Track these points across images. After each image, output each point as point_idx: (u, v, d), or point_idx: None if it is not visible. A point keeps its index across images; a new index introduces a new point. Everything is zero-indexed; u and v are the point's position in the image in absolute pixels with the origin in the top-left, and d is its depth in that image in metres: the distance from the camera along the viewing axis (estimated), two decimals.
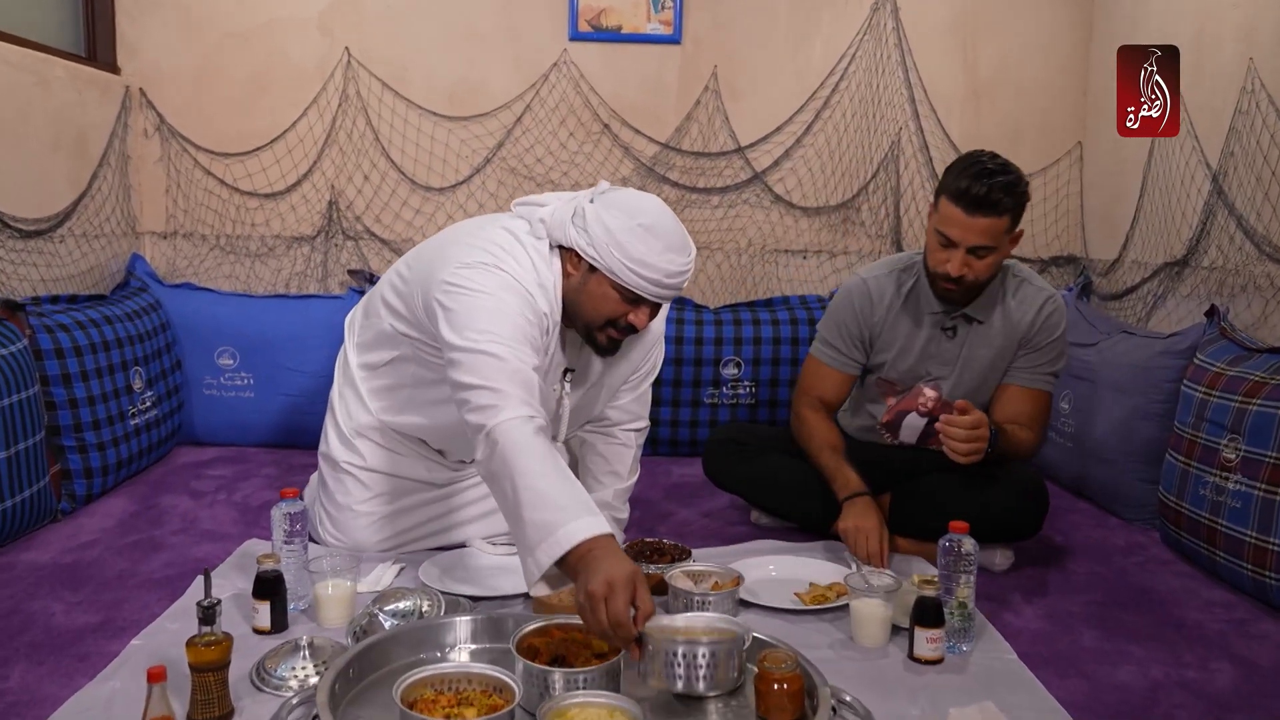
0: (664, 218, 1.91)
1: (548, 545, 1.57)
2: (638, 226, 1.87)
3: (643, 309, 1.95)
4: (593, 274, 1.92)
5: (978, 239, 2.13)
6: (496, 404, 1.74)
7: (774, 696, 1.53)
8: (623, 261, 1.87)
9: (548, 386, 2.03)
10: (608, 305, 1.94)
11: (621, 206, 1.91)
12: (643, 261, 1.87)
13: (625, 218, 1.88)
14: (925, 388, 2.36)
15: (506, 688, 1.49)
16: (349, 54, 3.37)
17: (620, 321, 1.96)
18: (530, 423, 1.72)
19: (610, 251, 1.87)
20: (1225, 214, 2.64)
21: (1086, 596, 2.13)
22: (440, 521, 2.26)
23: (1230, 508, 2.14)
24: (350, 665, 1.59)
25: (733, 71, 3.42)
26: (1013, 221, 2.16)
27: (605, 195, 1.96)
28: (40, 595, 1.99)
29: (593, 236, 1.89)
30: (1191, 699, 1.68)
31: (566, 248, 1.95)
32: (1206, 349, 2.44)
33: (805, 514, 2.42)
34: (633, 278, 1.88)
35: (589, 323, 1.98)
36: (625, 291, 1.91)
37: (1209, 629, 1.97)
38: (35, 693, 1.60)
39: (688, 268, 1.92)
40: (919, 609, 1.77)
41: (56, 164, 2.89)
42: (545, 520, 1.59)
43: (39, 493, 2.33)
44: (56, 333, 2.55)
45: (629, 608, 1.49)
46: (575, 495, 1.64)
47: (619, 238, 1.87)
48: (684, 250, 1.91)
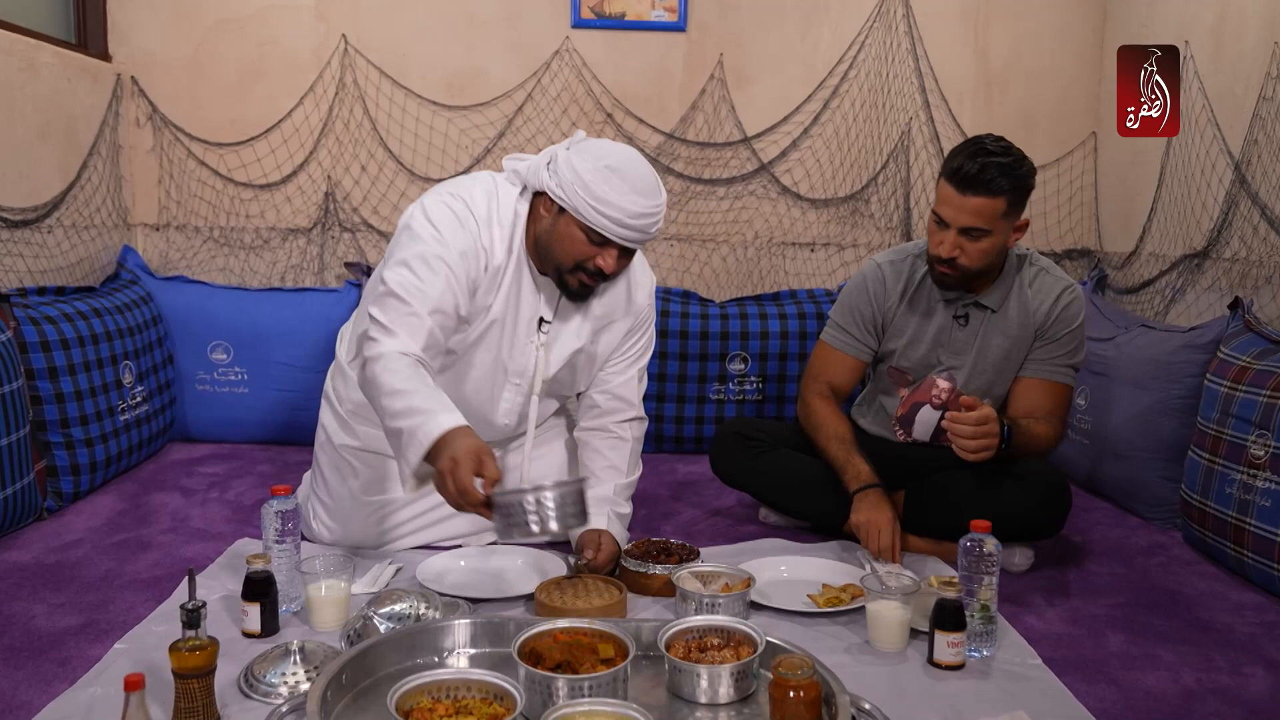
0: (632, 162, 1.96)
1: (414, 445, 1.73)
2: (604, 168, 1.92)
3: (609, 251, 1.98)
4: (561, 215, 1.97)
5: (969, 219, 2.07)
6: (382, 339, 1.90)
7: (789, 705, 1.45)
8: (587, 201, 1.91)
9: (519, 335, 2.10)
10: (575, 246, 1.97)
11: (592, 151, 1.96)
12: (606, 201, 1.91)
13: (593, 160, 1.93)
14: (938, 379, 2.29)
15: (508, 695, 1.41)
16: (346, 41, 3.29)
17: (589, 264, 1.99)
18: (402, 355, 1.87)
19: (576, 191, 1.92)
20: (1249, 204, 2.56)
21: (1110, 599, 2.05)
22: (436, 513, 2.18)
23: (1260, 506, 2.06)
24: (343, 671, 1.52)
25: (739, 59, 3.34)
26: (1010, 205, 2.08)
27: (580, 143, 2.00)
28: (21, 596, 1.91)
29: (561, 178, 1.95)
30: (1226, 706, 1.60)
31: (541, 193, 2.01)
32: (1231, 342, 2.35)
33: (817, 512, 2.34)
34: (596, 217, 1.92)
35: (559, 264, 2.02)
36: (591, 232, 1.95)
37: (1239, 632, 1.89)
38: (11, 699, 1.52)
39: (654, 210, 1.95)
40: (939, 611, 1.69)
41: (45, 152, 2.81)
42: (410, 426, 1.75)
43: (23, 490, 2.25)
44: (43, 325, 2.47)
45: (473, 477, 1.65)
46: (435, 398, 1.80)
47: (585, 178, 1.92)
48: (650, 194, 1.95)
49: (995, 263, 2.19)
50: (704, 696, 1.54)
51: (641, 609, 1.92)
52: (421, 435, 1.73)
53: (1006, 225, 2.11)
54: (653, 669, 1.63)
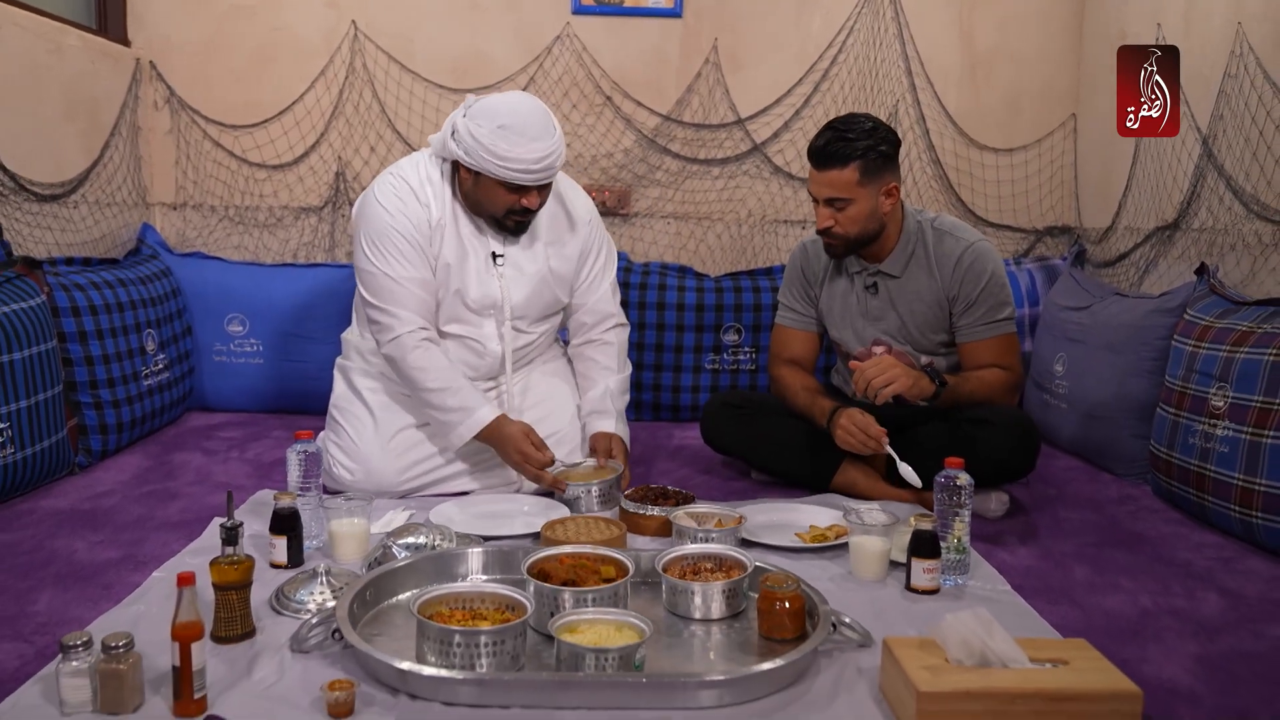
0: (519, 113, 2.20)
1: (463, 429, 2.27)
2: (497, 128, 2.17)
3: (530, 193, 2.26)
4: (479, 177, 2.25)
5: (829, 191, 2.30)
6: (384, 322, 2.28)
7: (775, 615, 1.59)
8: (494, 161, 2.18)
9: (477, 271, 2.36)
10: (499, 198, 2.26)
11: (484, 113, 2.21)
12: (509, 157, 2.17)
13: (487, 122, 2.18)
14: (875, 348, 2.46)
15: (519, 604, 1.55)
16: (355, 27, 3.42)
17: (516, 207, 2.27)
18: (416, 334, 2.27)
19: (481, 156, 2.19)
20: (1215, 176, 2.70)
21: (1079, 539, 2.19)
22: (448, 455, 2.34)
23: (1218, 453, 2.20)
24: (367, 589, 1.66)
25: (733, 44, 3.48)
26: (864, 173, 2.27)
27: (473, 107, 2.24)
28: (62, 535, 2.05)
29: (466, 148, 2.21)
30: (1178, 623, 1.74)
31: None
32: (1196, 305, 2.49)
33: (804, 470, 2.47)
34: (506, 172, 2.19)
35: (492, 213, 2.31)
36: (507, 185, 2.22)
37: (1197, 566, 2.03)
38: (63, 615, 1.66)
39: (552, 150, 2.21)
40: (915, 541, 1.83)
41: (70, 132, 2.95)
42: (452, 420, 2.27)
43: (57, 444, 2.39)
44: (73, 291, 2.61)
45: (539, 471, 2.25)
46: (463, 398, 2.27)
47: (484, 143, 2.17)
48: (544, 136, 2.20)
49: (874, 227, 2.35)
50: (698, 612, 1.68)
51: (640, 547, 2.06)
52: (464, 430, 2.26)
53: (869, 192, 2.29)
54: (651, 593, 1.76)
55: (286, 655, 1.51)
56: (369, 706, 1.37)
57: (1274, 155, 2.47)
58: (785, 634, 1.58)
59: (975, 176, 3.56)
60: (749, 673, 1.42)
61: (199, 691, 1.34)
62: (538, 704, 1.37)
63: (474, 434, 2.27)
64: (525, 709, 1.36)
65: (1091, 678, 1.34)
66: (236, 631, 1.56)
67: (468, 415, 2.26)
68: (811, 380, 2.52)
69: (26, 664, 1.48)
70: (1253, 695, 1.48)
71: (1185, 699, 1.46)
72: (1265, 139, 2.49)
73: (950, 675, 1.33)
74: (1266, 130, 2.49)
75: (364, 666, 1.45)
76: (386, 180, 2.34)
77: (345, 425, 2.37)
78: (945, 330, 2.44)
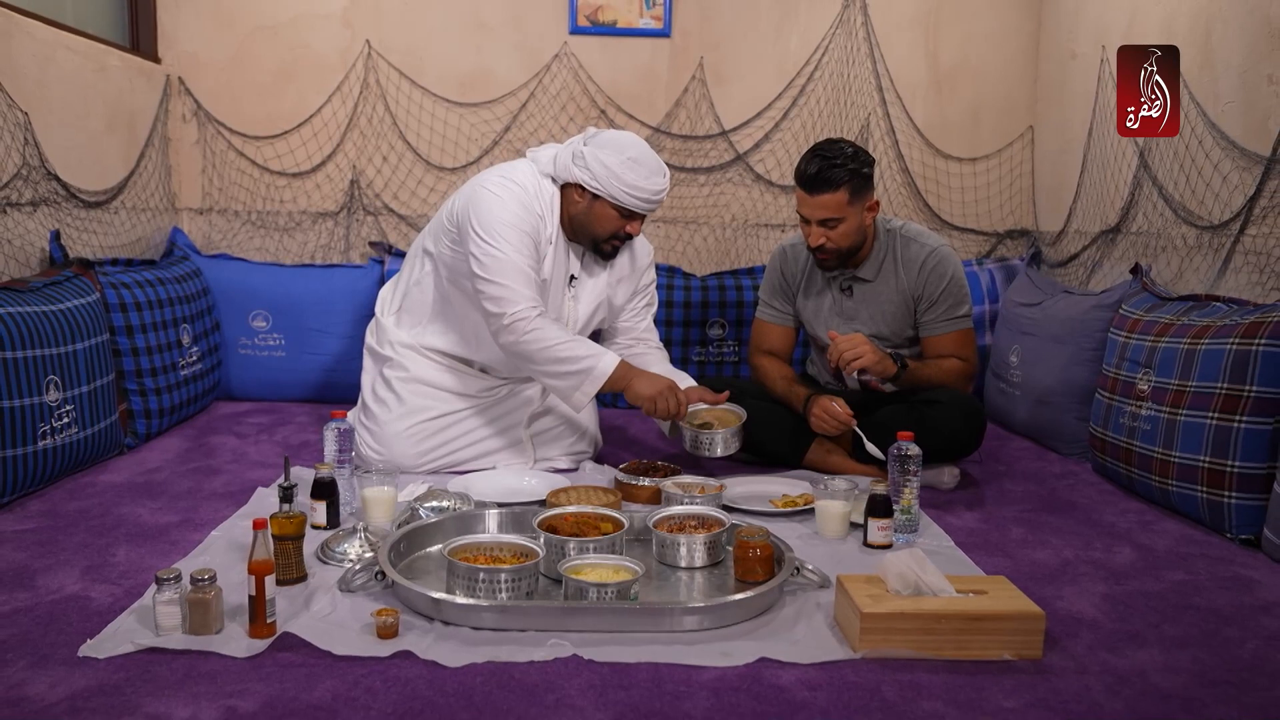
0: (645, 150, 2.55)
1: (588, 384, 2.46)
2: (628, 160, 2.49)
3: (636, 220, 2.58)
4: (596, 200, 2.54)
5: (823, 213, 2.57)
6: (505, 296, 2.44)
7: (748, 561, 1.88)
8: (621, 189, 2.49)
9: (557, 289, 2.64)
10: (610, 223, 2.56)
11: (612, 145, 2.52)
12: (636, 186, 2.49)
13: (617, 154, 2.49)
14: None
15: (531, 551, 1.83)
16: (369, 46, 3.71)
17: (620, 232, 2.58)
18: (533, 310, 2.44)
19: (610, 182, 2.49)
20: (1149, 184, 3.00)
21: (1019, 506, 2.49)
22: (468, 437, 2.61)
23: (1142, 430, 2.50)
24: (400, 541, 1.94)
25: (718, 62, 3.77)
26: (853, 193, 2.56)
27: (595, 138, 2.55)
28: (125, 503, 2.33)
29: (594, 173, 2.49)
30: (1093, 570, 2.04)
31: (570, 183, 2.53)
32: (1130, 300, 2.79)
33: (779, 449, 2.76)
34: (630, 199, 2.51)
35: (595, 237, 2.60)
36: (623, 210, 2.53)
37: (1119, 527, 2.33)
38: (139, 564, 1.94)
39: (666, 185, 2.56)
40: (871, 503, 2.13)
41: (112, 143, 3.23)
42: (578, 369, 2.46)
43: (110, 426, 2.66)
44: (120, 290, 2.88)
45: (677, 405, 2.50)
46: (591, 347, 2.50)
47: (616, 171, 2.48)
48: (663, 173, 2.56)
49: (860, 240, 2.66)
50: (684, 561, 1.97)
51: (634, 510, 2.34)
52: (597, 374, 2.45)
53: (856, 209, 2.59)
54: (642, 548, 2.05)
55: (337, 594, 1.79)
56: (410, 630, 1.65)
57: (1197, 167, 2.77)
58: (756, 577, 1.87)
59: (941, 184, 3.86)
60: (725, 601, 1.72)
61: (270, 618, 1.62)
62: (549, 628, 1.65)
63: (613, 368, 2.45)
64: (539, 631, 1.65)
65: (1003, 602, 1.64)
66: (293, 575, 1.84)
67: (601, 356, 2.46)
68: (789, 370, 2.82)
69: (118, 600, 1.76)
70: (1143, 622, 1.78)
71: (1088, 625, 1.76)
72: (1189, 152, 2.79)
73: (889, 601, 1.63)
74: (1191, 144, 2.79)
75: (403, 600, 1.74)
76: (504, 183, 2.52)
77: (375, 410, 2.64)
78: (911, 327, 2.74)
